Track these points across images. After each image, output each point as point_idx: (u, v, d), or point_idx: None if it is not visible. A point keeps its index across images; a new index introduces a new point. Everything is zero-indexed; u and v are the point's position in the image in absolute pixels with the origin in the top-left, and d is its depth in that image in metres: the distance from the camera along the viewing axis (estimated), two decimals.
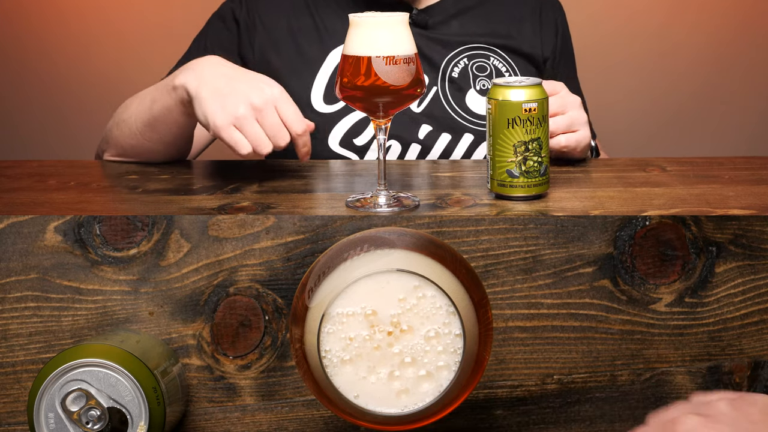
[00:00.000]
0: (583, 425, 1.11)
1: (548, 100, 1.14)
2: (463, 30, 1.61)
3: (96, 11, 2.50)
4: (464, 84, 1.57)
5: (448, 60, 1.58)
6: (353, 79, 1.10)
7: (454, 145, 1.56)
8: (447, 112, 1.56)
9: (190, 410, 1.11)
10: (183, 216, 1.10)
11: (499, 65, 1.59)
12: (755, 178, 1.25)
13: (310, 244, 1.09)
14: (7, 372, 1.12)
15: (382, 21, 1.10)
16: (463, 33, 1.60)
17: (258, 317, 1.10)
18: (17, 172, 1.36)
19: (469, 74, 1.58)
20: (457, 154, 1.56)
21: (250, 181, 1.27)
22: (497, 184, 1.15)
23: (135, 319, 1.10)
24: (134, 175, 1.34)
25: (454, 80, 1.57)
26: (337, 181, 1.30)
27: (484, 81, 1.58)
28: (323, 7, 1.61)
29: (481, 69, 1.59)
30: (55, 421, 0.99)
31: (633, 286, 1.09)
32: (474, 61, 1.58)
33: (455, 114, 1.56)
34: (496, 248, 1.08)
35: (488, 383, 1.10)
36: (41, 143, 2.57)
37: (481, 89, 1.58)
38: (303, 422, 1.11)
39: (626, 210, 1.10)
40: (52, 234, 1.10)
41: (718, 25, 2.44)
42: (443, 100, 1.57)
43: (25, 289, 1.10)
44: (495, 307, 1.08)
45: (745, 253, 1.08)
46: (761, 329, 1.09)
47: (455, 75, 1.57)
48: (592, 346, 1.10)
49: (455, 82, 1.57)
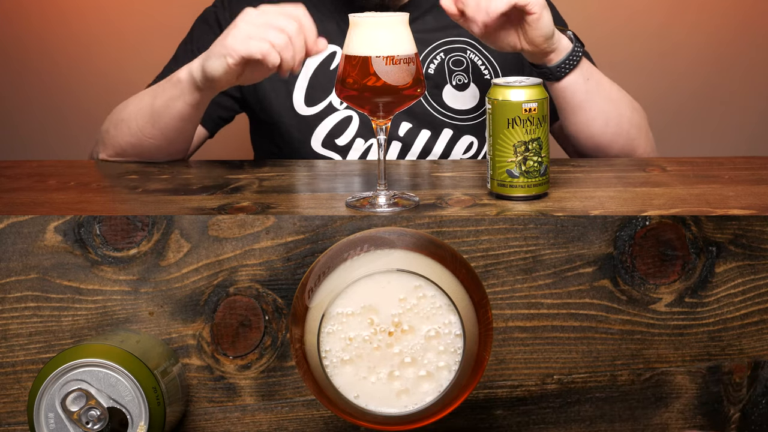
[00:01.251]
0: (583, 425, 1.11)
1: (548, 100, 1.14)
2: (438, 24, 1.60)
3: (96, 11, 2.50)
4: (441, 79, 1.58)
5: (424, 56, 1.58)
6: (353, 79, 1.10)
7: (434, 140, 1.57)
8: (425, 108, 1.57)
9: (190, 410, 1.11)
10: (183, 216, 1.10)
11: (476, 59, 1.59)
12: (755, 178, 1.25)
13: (310, 244, 1.09)
14: (7, 372, 1.12)
15: (382, 21, 1.10)
16: (438, 27, 1.60)
17: (258, 317, 1.10)
18: (17, 172, 1.36)
19: (446, 69, 1.58)
20: (437, 149, 1.57)
21: (250, 181, 1.27)
22: (497, 184, 1.15)
23: (135, 319, 1.10)
24: (134, 175, 1.34)
25: (430, 76, 1.57)
26: (337, 181, 1.30)
27: (460, 75, 1.58)
28: None
29: (458, 63, 1.59)
30: (55, 421, 0.99)
31: (633, 286, 1.09)
32: (450, 56, 1.58)
33: (433, 110, 1.57)
34: (496, 248, 1.08)
35: (488, 383, 1.10)
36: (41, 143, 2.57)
37: (458, 84, 1.58)
38: (303, 422, 1.11)
39: (626, 210, 1.10)
40: (52, 234, 1.10)
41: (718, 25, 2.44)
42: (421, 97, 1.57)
43: (25, 289, 1.10)
44: (495, 307, 1.08)
45: (745, 253, 1.08)
46: (761, 329, 1.09)
47: (431, 71, 1.58)
48: (592, 346, 1.10)
49: (432, 78, 1.57)
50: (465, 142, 1.58)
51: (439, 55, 1.58)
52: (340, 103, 1.56)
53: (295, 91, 1.57)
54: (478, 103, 1.58)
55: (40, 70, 2.53)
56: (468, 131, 1.58)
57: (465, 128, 1.58)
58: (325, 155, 1.56)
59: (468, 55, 1.59)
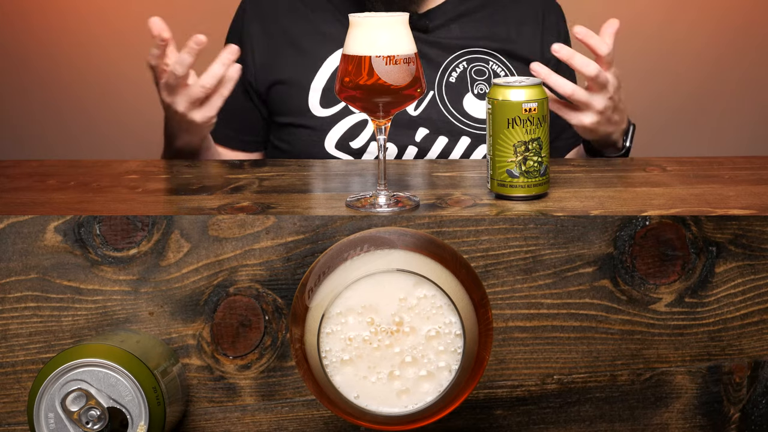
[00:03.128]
0: (583, 425, 1.11)
1: (548, 100, 1.14)
2: (463, 34, 1.61)
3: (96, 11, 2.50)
4: (462, 88, 1.58)
5: (446, 64, 1.58)
6: (353, 79, 1.10)
7: (451, 147, 1.57)
8: (444, 115, 1.57)
9: (190, 410, 1.11)
10: (183, 216, 1.10)
11: (498, 69, 1.60)
12: (755, 178, 1.25)
13: (310, 244, 1.09)
14: (7, 372, 1.12)
15: (382, 21, 1.10)
16: (463, 37, 1.61)
17: (258, 317, 1.10)
18: (17, 172, 1.36)
19: (468, 78, 1.58)
20: (454, 156, 1.57)
21: (250, 181, 1.27)
22: (497, 184, 1.15)
23: (135, 319, 1.10)
24: (134, 175, 1.34)
25: (451, 84, 1.58)
26: (337, 181, 1.30)
27: (482, 85, 1.59)
28: (320, 11, 1.62)
29: (480, 73, 1.59)
30: (55, 421, 0.99)
31: (633, 286, 1.09)
32: (473, 65, 1.59)
33: (452, 117, 1.57)
34: (496, 248, 1.08)
35: (488, 383, 1.10)
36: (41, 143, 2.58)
37: (479, 93, 1.58)
38: (303, 422, 1.11)
39: (626, 210, 1.10)
40: (52, 234, 1.10)
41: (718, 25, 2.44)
42: (440, 104, 1.57)
43: (25, 289, 1.10)
44: (495, 307, 1.08)
45: (745, 253, 1.08)
46: (761, 329, 1.09)
47: (453, 79, 1.58)
48: (592, 346, 1.10)
49: (453, 86, 1.58)
50: (482, 152, 1.58)
51: (461, 63, 1.58)
52: None
53: (311, 93, 1.58)
54: None
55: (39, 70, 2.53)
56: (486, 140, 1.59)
57: (483, 137, 1.58)
58: (338, 157, 1.56)
59: (490, 65, 1.59)
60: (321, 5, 1.63)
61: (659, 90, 2.46)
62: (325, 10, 1.62)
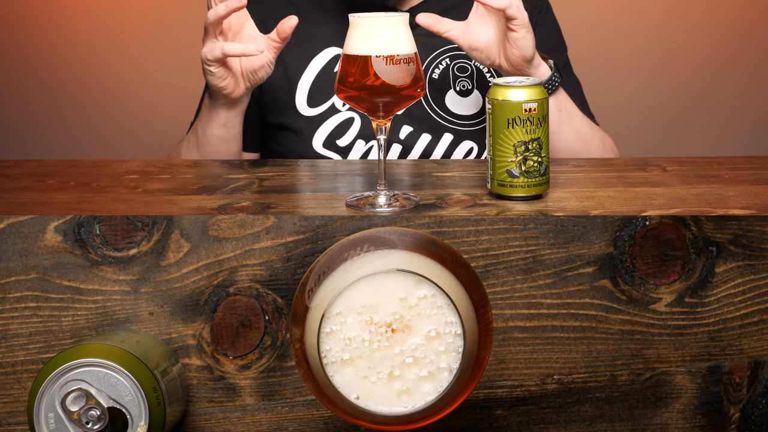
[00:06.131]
0: (583, 425, 1.11)
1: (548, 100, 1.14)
2: None
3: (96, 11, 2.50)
4: (444, 84, 1.58)
5: (429, 60, 1.59)
6: (353, 79, 1.10)
7: (434, 144, 1.57)
8: (427, 112, 1.58)
9: (190, 410, 1.11)
10: (183, 216, 1.10)
11: (481, 66, 1.59)
12: (755, 178, 1.25)
13: (310, 244, 1.09)
14: (7, 372, 1.12)
15: (382, 21, 1.10)
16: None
17: (258, 317, 1.10)
18: (17, 172, 1.36)
19: (450, 75, 1.59)
20: (437, 153, 1.58)
21: (250, 181, 1.27)
22: (497, 184, 1.15)
23: (135, 319, 1.11)
24: (134, 175, 1.34)
25: (434, 81, 1.58)
26: (337, 181, 1.30)
27: (464, 82, 1.59)
28: (307, 12, 1.62)
29: (462, 69, 1.59)
30: (55, 421, 0.99)
31: (633, 286, 1.09)
32: (456, 62, 1.59)
33: (435, 114, 1.58)
34: (496, 248, 1.08)
35: (488, 383, 1.10)
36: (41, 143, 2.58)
37: (461, 90, 1.59)
38: (303, 422, 1.11)
39: (626, 210, 1.10)
40: (52, 234, 1.10)
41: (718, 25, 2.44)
42: (423, 101, 1.58)
43: (25, 289, 1.10)
44: (495, 307, 1.08)
45: (745, 253, 1.08)
46: (761, 329, 1.09)
47: (436, 76, 1.58)
48: (592, 346, 1.10)
49: (436, 83, 1.58)
50: (465, 148, 1.58)
51: (444, 60, 1.59)
52: (343, 105, 1.57)
53: (298, 92, 1.58)
54: (480, 110, 1.59)
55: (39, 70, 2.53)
56: (468, 137, 1.59)
57: (465, 133, 1.58)
58: (326, 155, 1.57)
59: (473, 62, 1.59)
60: (308, 5, 1.63)
61: (659, 90, 2.46)
62: (312, 10, 1.62)
